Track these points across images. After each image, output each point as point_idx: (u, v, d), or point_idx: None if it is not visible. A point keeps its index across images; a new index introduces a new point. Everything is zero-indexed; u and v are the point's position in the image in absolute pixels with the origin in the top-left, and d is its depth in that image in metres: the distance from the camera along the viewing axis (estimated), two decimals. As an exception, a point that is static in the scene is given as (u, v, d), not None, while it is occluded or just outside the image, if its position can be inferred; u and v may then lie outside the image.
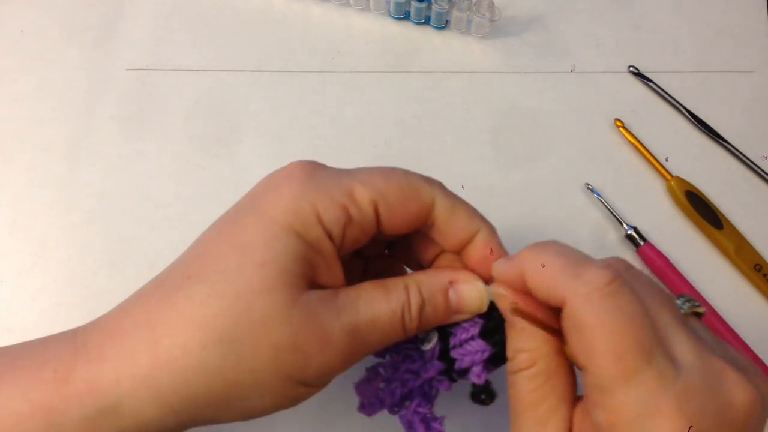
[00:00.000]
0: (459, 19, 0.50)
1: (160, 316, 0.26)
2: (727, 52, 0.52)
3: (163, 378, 0.25)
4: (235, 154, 0.48)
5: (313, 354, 0.26)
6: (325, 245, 0.27)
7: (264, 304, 0.25)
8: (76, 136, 0.48)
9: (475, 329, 0.29)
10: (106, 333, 0.27)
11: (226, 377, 0.25)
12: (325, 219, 0.27)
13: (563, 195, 0.47)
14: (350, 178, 0.28)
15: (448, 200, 0.29)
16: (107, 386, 0.25)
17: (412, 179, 0.29)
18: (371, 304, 0.28)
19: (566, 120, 0.49)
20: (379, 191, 0.28)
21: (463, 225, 0.30)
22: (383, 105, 0.50)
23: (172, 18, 0.52)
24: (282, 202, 0.27)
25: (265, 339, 0.25)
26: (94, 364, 0.26)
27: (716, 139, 0.49)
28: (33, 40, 0.51)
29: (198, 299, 0.26)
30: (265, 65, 0.51)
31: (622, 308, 0.23)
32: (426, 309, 0.29)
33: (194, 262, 0.27)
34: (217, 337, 0.25)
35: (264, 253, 0.26)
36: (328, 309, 0.27)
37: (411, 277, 0.29)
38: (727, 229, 0.45)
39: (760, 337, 0.43)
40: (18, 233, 0.45)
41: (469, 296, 0.29)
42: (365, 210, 0.28)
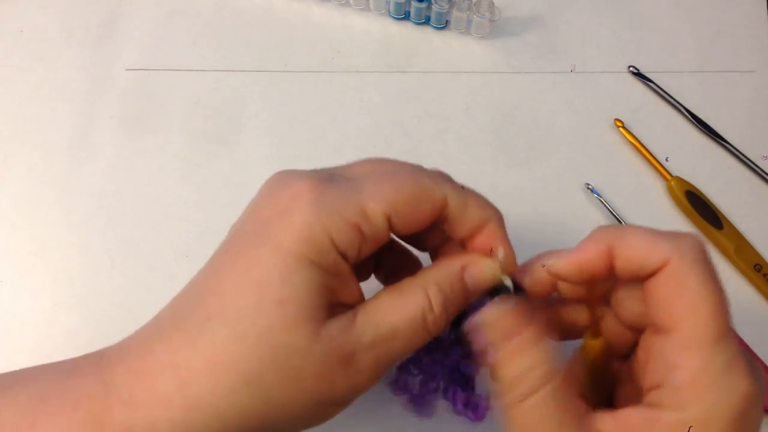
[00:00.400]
0: (459, 19, 0.50)
1: (185, 359, 0.26)
2: (727, 52, 0.52)
3: (197, 421, 0.26)
4: (235, 154, 0.48)
5: (338, 379, 0.27)
6: (341, 267, 0.27)
7: (286, 343, 0.26)
8: (76, 136, 0.48)
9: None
10: (134, 374, 0.27)
11: (257, 415, 0.26)
12: (340, 243, 0.27)
13: (563, 195, 0.47)
14: (359, 194, 0.28)
15: (460, 196, 0.29)
16: (144, 430, 0.26)
17: (422, 182, 0.29)
18: (390, 315, 0.28)
19: (566, 120, 0.49)
20: (391, 204, 0.28)
21: (475, 218, 0.30)
22: (383, 105, 0.50)
23: (172, 18, 0.52)
24: (294, 231, 0.26)
25: (291, 376, 0.26)
26: (128, 408, 0.26)
27: (716, 139, 0.49)
28: (33, 40, 0.51)
29: (221, 343, 0.26)
30: (265, 65, 0.51)
31: (714, 275, 0.25)
32: (449, 303, 0.29)
33: (212, 300, 0.27)
34: (244, 380, 0.26)
35: (282, 289, 0.26)
36: (348, 335, 0.27)
37: (426, 277, 0.29)
38: (727, 229, 0.45)
39: (760, 337, 0.43)
40: (18, 233, 0.45)
41: (483, 276, 0.30)
42: (378, 225, 0.28)
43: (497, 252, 0.30)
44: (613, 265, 0.27)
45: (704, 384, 0.24)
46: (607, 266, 0.27)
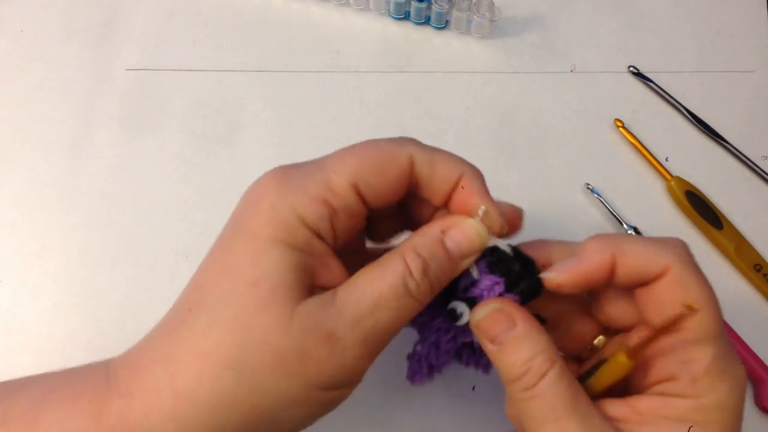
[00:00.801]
0: (459, 19, 0.50)
1: (170, 351, 0.27)
2: (727, 52, 0.52)
3: (186, 411, 0.26)
4: (235, 154, 0.48)
5: (323, 358, 0.26)
6: (315, 245, 0.27)
7: (262, 323, 0.25)
8: (76, 136, 0.48)
9: (499, 288, 0.28)
10: (130, 369, 0.27)
11: (244, 401, 0.26)
12: (309, 219, 0.27)
13: (563, 195, 0.47)
14: (323, 170, 0.28)
15: (426, 154, 0.29)
16: (138, 421, 0.26)
17: (383, 147, 0.28)
18: (368, 287, 0.27)
19: (566, 120, 0.49)
20: (355, 172, 0.27)
21: (445, 174, 0.29)
22: (383, 105, 0.50)
23: (172, 18, 0.52)
24: (262, 216, 0.27)
25: (271, 356, 0.25)
26: (124, 399, 0.26)
27: (716, 139, 0.49)
28: (33, 40, 0.51)
29: (200, 331, 0.26)
30: (265, 65, 0.51)
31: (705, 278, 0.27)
32: (431, 268, 0.27)
33: (193, 293, 0.28)
34: (225, 365, 0.25)
35: (253, 272, 0.26)
36: (327, 313, 0.26)
37: (404, 244, 0.28)
38: (727, 229, 0.45)
39: (760, 337, 0.43)
40: (18, 233, 0.45)
41: (465, 236, 0.28)
42: (347, 197, 0.27)
43: (478, 209, 0.28)
44: (614, 274, 0.27)
45: (716, 373, 0.26)
46: (609, 275, 0.27)
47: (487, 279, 0.29)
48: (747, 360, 0.42)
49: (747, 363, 0.42)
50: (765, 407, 0.41)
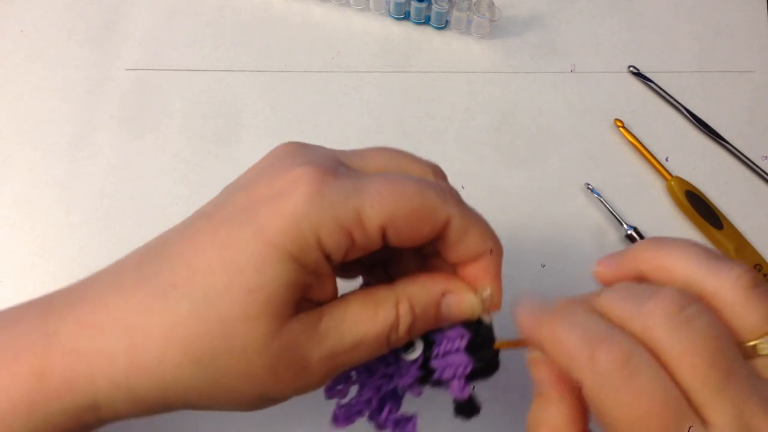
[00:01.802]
0: (459, 19, 0.50)
1: (139, 322, 0.25)
2: (727, 52, 0.52)
3: (138, 382, 0.25)
4: (235, 154, 0.48)
5: (288, 381, 0.26)
6: (321, 267, 0.26)
7: (245, 333, 0.25)
8: (76, 136, 0.48)
9: (461, 342, 0.28)
10: (82, 325, 0.26)
11: (200, 392, 0.26)
12: (326, 244, 0.26)
13: (563, 195, 0.47)
14: (359, 196, 0.26)
15: (463, 221, 0.28)
16: (83, 383, 0.26)
17: (427, 198, 0.27)
18: (357, 326, 0.27)
19: (566, 120, 0.49)
20: (390, 216, 0.26)
21: (472, 247, 0.28)
22: (383, 105, 0.50)
23: (172, 18, 0.52)
24: (282, 221, 0.25)
25: (242, 366, 0.25)
26: (69, 359, 0.26)
27: (716, 139, 0.49)
28: (33, 40, 0.51)
29: (180, 316, 0.25)
30: (265, 65, 0.51)
31: (640, 391, 0.23)
32: (417, 325, 0.28)
33: (183, 268, 0.26)
34: (194, 358, 0.25)
35: (253, 278, 0.25)
36: (310, 338, 0.26)
37: (403, 290, 0.28)
38: (727, 229, 0.45)
39: (760, 337, 0.43)
40: (18, 233, 0.45)
41: (460, 309, 0.28)
42: (372, 236, 0.26)
43: (484, 290, 0.28)
44: None
45: None
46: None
47: (459, 357, 0.28)
48: (747, 360, 0.42)
49: (747, 363, 0.42)
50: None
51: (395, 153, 0.30)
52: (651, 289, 0.25)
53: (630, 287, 0.26)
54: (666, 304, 0.24)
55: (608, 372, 0.23)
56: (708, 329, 0.24)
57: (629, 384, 0.23)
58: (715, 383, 0.23)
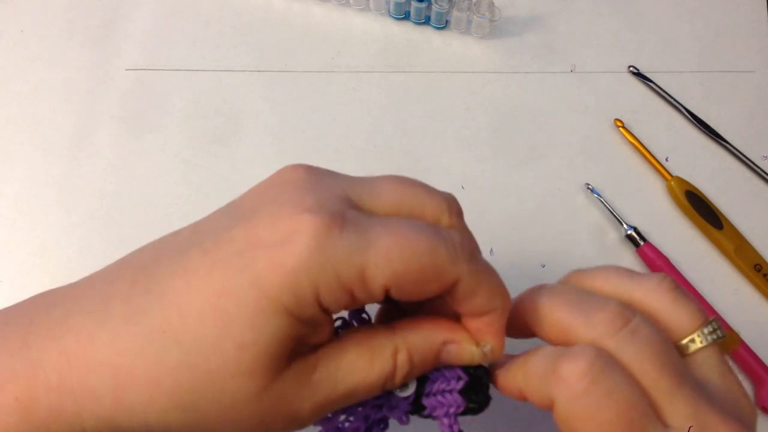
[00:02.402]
0: (459, 19, 0.50)
1: (126, 365, 0.25)
2: (727, 52, 0.52)
3: (124, 421, 0.25)
4: (235, 154, 0.48)
5: (278, 428, 0.26)
6: (319, 319, 0.25)
7: (235, 390, 0.24)
8: (76, 136, 0.48)
9: (457, 384, 0.28)
10: (67, 359, 0.25)
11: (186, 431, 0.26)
12: (325, 300, 0.25)
13: (563, 195, 0.47)
14: (365, 254, 0.24)
15: (473, 281, 0.26)
16: (69, 417, 0.25)
17: (436, 257, 0.25)
18: (351, 377, 0.26)
19: (566, 120, 0.49)
20: (395, 275, 0.25)
21: (479, 305, 0.27)
22: (383, 105, 0.50)
23: (172, 18, 0.52)
24: (279, 274, 0.24)
25: (231, 417, 0.25)
26: (55, 394, 0.25)
27: (716, 139, 0.49)
28: (33, 40, 0.51)
29: (168, 366, 0.24)
30: (265, 65, 0.51)
31: (607, 395, 0.23)
32: (413, 372, 0.27)
33: (173, 312, 0.25)
34: (180, 406, 0.25)
35: (246, 334, 0.24)
36: (301, 390, 0.25)
37: (403, 338, 0.27)
38: (727, 229, 0.45)
39: (760, 337, 0.43)
40: (18, 233, 0.45)
41: (461, 357, 0.28)
42: (374, 294, 0.25)
43: (485, 345, 0.28)
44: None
45: None
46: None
47: (453, 370, 0.28)
48: (747, 360, 0.42)
49: (747, 363, 0.42)
50: (765, 407, 0.41)
51: (409, 187, 0.28)
52: (596, 301, 0.27)
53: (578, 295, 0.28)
54: (613, 316, 0.26)
55: (573, 382, 0.24)
56: (653, 337, 0.25)
57: (595, 390, 0.23)
58: (667, 387, 0.24)
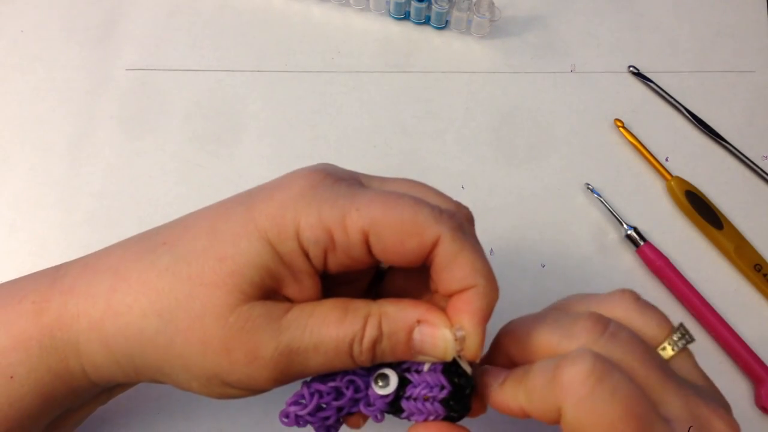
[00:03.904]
0: (459, 19, 0.50)
1: (125, 269, 0.27)
2: (727, 52, 0.52)
3: (108, 327, 0.27)
4: (235, 154, 0.48)
5: (239, 363, 0.26)
6: (297, 261, 0.26)
7: (205, 297, 0.26)
8: (76, 136, 0.48)
9: (439, 394, 0.27)
10: (84, 267, 0.28)
11: (157, 351, 0.27)
12: (304, 236, 0.26)
13: (563, 195, 0.47)
14: (349, 201, 0.26)
15: (455, 244, 0.26)
16: (70, 320, 0.27)
17: (418, 213, 0.26)
18: (320, 327, 0.26)
19: (566, 120, 0.49)
20: (374, 222, 0.25)
21: (458, 277, 0.26)
22: (383, 105, 0.50)
23: (172, 18, 0.52)
24: (268, 207, 0.26)
25: (198, 332, 0.26)
26: (64, 296, 0.27)
27: (716, 139, 0.49)
28: (33, 40, 0.51)
29: (158, 269, 0.27)
30: (265, 65, 0.51)
31: (612, 393, 0.23)
32: (382, 344, 0.26)
33: (176, 230, 0.28)
34: (158, 310, 0.26)
35: (227, 248, 0.26)
36: (269, 325, 0.26)
37: (378, 306, 0.27)
38: (727, 229, 0.45)
39: (760, 337, 0.43)
40: (18, 233, 0.45)
41: (434, 342, 0.26)
42: (352, 239, 0.26)
43: (458, 329, 0.26)
44: None
45: None
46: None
47: (436, 376, 0.27)
48: (747, 360, 0.42)
49: (747, 363, 0.42)
50: (765, 407, 0.41)
51: (420, 185, 0.29)
52: (570, 316, 0.27)
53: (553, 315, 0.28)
54: (591, 324, 0.26)
55: (578, 385, 0.23)
56: (633, 338, 0.26)
57: (601, 388, 0.23)
58: (657, 382, 0.25)
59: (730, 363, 0.43)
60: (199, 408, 0.40)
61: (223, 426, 0.40)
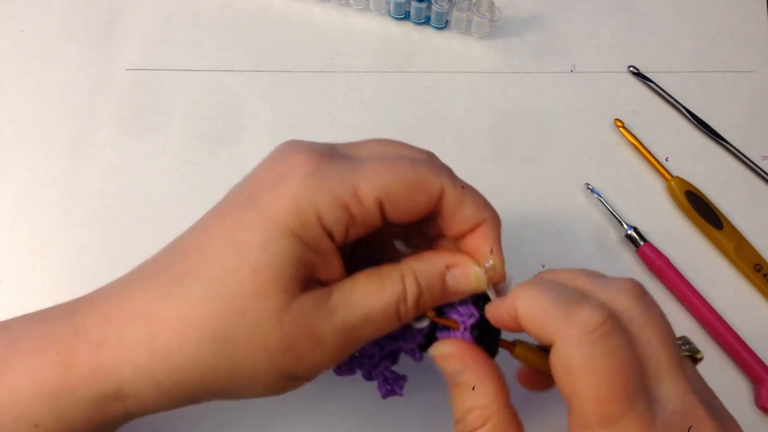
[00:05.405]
0: (459, 19, 0.50)
1: (158, 310, 0.27)
2: (727, 52, 0.52)
3: (160, 370, 0.26)
4: (234, 154, 0.48)
5: (305, 355, 0.27)
6: (324, 244, 0.27)
7: (256, 309, 0.26)
8: (76, 136, 0.48)
9: (468, 321, 0.29)
10: (107, 317, 0.27)
11: (219, 373, 0.27)
12: (326, 219, 0.27)
13: (563, 195, 0.47)
14: (354, 174, 0.27)
15: (456, 191, 0.29)
16: (109, 372, 0.27)
17: (420, 171, 0.28)
18: (365, 299, 0.28)
19: (566, 120, 0.49)
20: (385, 188, 0.27)
21: (468, 216, 0.29)
22: (383, 105, 0.50)
23: (172, 18, 0.52)
24: (282, 202, 0.27)
25: (257, 342, 0.26)
26: (95, 350, 0.27)
27: (716, 139, 0.49)
28: (33, 40, 0.51)
29: (194, 299, 0.26)
30: (265, 65, 0.51)
31: (611, 353, 0.23)
32: (424, 298, 0.29)
33: (193, 256, 0.28)
34: (210, 338, 0.26)
35: (259, 256, 0.26)
36: (320, 311, 0.27)
37: (407, 266, 0.29)
38: (727, 229, 0.45)
39: (760, 337, 0.43)
40: (18, 233, 0.45)
41: (467, 280, 0.29)
42: (369, 209, 0.27)
43: (486, 261, 0.29)
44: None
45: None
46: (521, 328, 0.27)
47: (468, 307, 0.30)
48: (747, 360, 0.42)
49: (747, 363, 0.42)
50: (765, 407, 0.41)
51: (391, 142, 0.31)
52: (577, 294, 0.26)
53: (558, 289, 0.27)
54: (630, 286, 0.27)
55: (585, 329, 0.24)
56: (662, 317, 0.26)
57: (603, 343, 0.24)
58: (666, 362, 0.24)
59: (730, 363, 0.43)
60: (199, 408, 0.40)
61: (223, 426, 0.40)
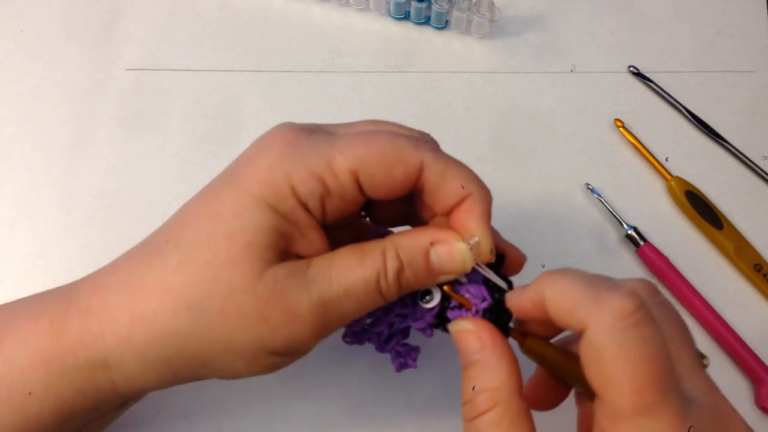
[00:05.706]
0: (459, 19, 0.50)
1: (138, 277, 0.27)
2: (727, 52, 0.52)
3: (139, 337, 0.27)
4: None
5: (279, 326, 0.26)
6: (300, 216, 0.27)
7: (229, 276, 0.26)
8: (76, 136, 0.48)
9: (481, 305, 0.29)
10: (95, 287, 0.28)
11: (195, 343, 0.27)
12: (300, 190, 0.27)
13: (563, 195, 0.47)
14: (330, 146, 0.27)
15: (439, 164, 0.28)
16: (94, 339, 0.27)
17: (397, 143, 0.28)
18: (344, 273, 0.27)
19: (566, 120, 0.49)
20: (359, 160, 0.27)
21: (452, 190, 0.28)
22: (383, 105, 0.50)
23: (172, 18, 0.52)
24: (257, 174, 0.27)
25: (231, 310, 0.26)
26: (83, 316, 0.27)
27: (716, 139, 0.49)
28: (33, 40, 0.51)
29: (171, 266, 0.27)
30: (265, 65, 0.51)
31: (645, 340, 0.23)
32: (405, 273, 0.28)
33: (174, 227, 0.28)
34: (185, 305, 0.26)
35: (233, 224, 0.26)
36: (296, 282, 0.27)
37: (390, 240, 0.28)
38: (727, 229, 0.45)
39: (760, 337, 0.43)
40: (18, 233, 0.45)
41: (451, 258, 0.28)
42: (344, 181, 0.27)
43: (471, 237, 0.28)
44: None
45: None
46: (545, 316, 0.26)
47: (480, 289, 0.29)
48: (747, 360, 0.42)
49: (747, 363, 0.42)
50: (765, 407, 0.41)
51: (382, 122, 0.31)
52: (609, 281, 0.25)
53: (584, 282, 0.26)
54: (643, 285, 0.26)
55: (618, 315, 0.23)
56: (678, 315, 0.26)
57: (637, 330, 0.23)
58: (688, 361, 0.24)
59: (730, 363, 0.43)
60: (199, 408, 0.40)
61: (223, 426, 0.40)
